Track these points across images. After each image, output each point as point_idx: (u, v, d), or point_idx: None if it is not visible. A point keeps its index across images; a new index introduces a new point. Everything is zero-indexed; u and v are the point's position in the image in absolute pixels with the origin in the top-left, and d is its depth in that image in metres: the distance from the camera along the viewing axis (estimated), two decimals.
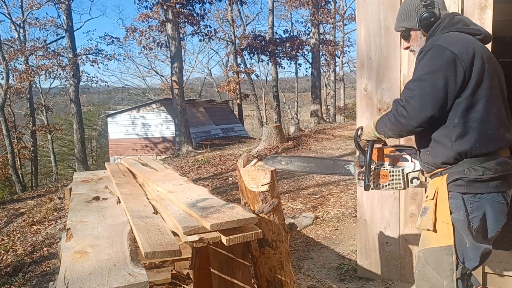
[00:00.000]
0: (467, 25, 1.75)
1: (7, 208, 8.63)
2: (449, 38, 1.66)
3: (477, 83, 1.61)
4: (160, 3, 13.93)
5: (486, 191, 1.65)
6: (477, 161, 1.64)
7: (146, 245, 1.54)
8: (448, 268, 1.68)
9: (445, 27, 1.74)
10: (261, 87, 31.96)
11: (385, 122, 1.75)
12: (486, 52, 1.68)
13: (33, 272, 4.73)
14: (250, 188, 1.99)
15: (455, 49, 1.60)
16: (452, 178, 1.67)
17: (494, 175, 1.63)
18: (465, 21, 1.77)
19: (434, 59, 1.61)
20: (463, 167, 1.65)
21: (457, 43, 1.63)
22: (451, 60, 1.59)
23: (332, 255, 3.81)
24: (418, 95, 1.61)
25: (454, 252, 1.67)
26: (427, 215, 1.73)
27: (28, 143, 19.71)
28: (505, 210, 1.71)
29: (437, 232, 1.71)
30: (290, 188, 6.65)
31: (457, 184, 1.66)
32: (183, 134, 14.10)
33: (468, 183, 1.64)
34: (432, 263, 1.72)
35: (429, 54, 1.63)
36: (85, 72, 20.86)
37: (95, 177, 3.20)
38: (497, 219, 1.69)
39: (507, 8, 3.36)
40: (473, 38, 1.70)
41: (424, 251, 1.77)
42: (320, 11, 20.10)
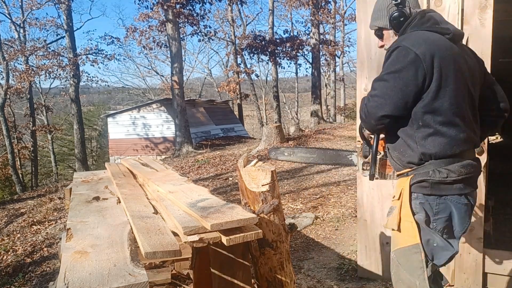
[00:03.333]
0: (437, 23, 1.71)
1: (7, 208, 8.64)
2: (415, 38, 1.63)
3: (439, 85, 1.59)
4: (160, 3, 13.93)
5: (451, 193, 1.64)
6: (442, 163, 1.63)
7: (146, 245, 1.54)
8: (418, 267, 1.68)
9: (415, 26, 1.71)
10: (261, 87, 31.97)
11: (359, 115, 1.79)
12: (454, 52, 1.65)
13: (33, 272, 4.73)
14: (251, 188, 1.99)
15: (418, 50, 1.58)
16: (417, 179, 1.67)
17: (458, 177, 1.62)
18: (435, 19, 1.72)
19: (397, 59, 1.61)
20: (428, 169, 1.65)
21: (422, 44, 1.60)
22: (412, 61, 1.57)
23: (332, 255, 3.81)
24: (378, 94, 1.64)
25: (422, 250, 1.68)
26: (392, 215, 1.75)
27: (28, 143, 19.70)
28: (470, 212, 1.71)
29: (402, 232, 1.72)
30: (291, 188, 6.65)
31: (422, 185, 1.66)
32: (183, 134, 14.10)
33: (433, 185, 1.64)
34: (403, 264, 1.73)
35: (394, 54, 1.63)
36: (85, 72, 20.92)
37: (95, 177, 3.20)
38: (462, 220, 1.68)
39: (507, 8, 3.35)
40: (442, 37, 1.66)
41: (395, 252, 1.77)
42: (320, 11, 20.09)
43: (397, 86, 1.59)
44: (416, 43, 1.60)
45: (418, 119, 1.63)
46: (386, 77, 1.62)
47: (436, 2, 2.60)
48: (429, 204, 1.66)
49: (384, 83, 1.63)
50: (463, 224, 1.69)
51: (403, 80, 1.58)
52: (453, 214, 1.67)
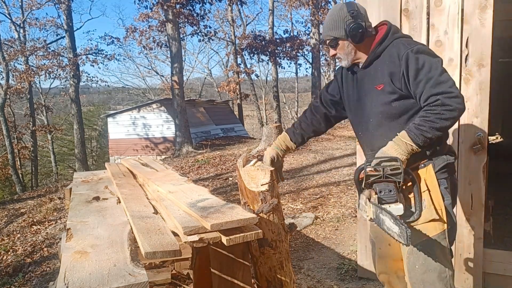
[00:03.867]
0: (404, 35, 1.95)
1: (7, 208, 8.63)
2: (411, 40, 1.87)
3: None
4: (160, 3, 13.93)
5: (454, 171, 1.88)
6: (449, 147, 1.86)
7: (146, 245, 1.54)
8: (447, 252, 1.79)
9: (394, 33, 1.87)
10: (261, 87, 31.97)
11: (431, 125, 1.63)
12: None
13: (33, 272, 4.73)
14: (250, 188, 1.99)
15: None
16: (440, 166, 1.80)
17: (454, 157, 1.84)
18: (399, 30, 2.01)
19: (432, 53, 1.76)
20: (443, 154, 1.81)
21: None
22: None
23: (332, 255, 3.81)
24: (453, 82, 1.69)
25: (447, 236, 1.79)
26: (428, 207, 1.77)
27: (28, 143, 19.71)
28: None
29: (436, 220, 1.77)
30: (291, 188, 6.65)
31: (444, 171, 1.80)
32: (183, 134, 14.10)
33: (448, 165, 1.81)
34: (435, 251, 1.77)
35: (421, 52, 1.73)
36: (85, 72, 20.91)
37: (95, 177, 3.20)
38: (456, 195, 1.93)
39: (507, 8, 3.35)
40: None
41: (422, 244, 1.77)
42: (320, 11, 20.09)
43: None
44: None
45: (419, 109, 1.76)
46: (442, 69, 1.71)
47: (436, 2, 2.60)
48: (449, 186, 1.82)
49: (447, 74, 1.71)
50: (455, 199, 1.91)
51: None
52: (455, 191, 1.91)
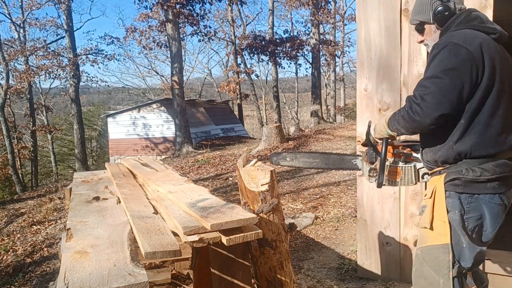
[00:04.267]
0: (483, 22, 1.71)
1: (7, 208, 8.63)
2: (465, 36, 1.63)
3: (488, 85, 1.59)
4: (160, 3, 13.93)
5: (483, 192, 1.64)
6: (475, 162, 1.63)
7: (146, 245, 1.54)
8: (445, 266, 1.69)
9: (460, 23, 1.70)
10: (261, 87, 31.96)
11: (398, 119, 1.72)
12: (499, 52, 1.65)
13: (33, 272, 4.73)
14: (250, 188, 1.99)
15: (471, 47, 1.58)
16: (450, 177, 1.68)
17: (491, 176, 1.62)
18: (481, 18, 1.72)
19: (449, 57, 1.59)
20: (462, 167, 1.65)
21: (472, 42, 1.60)
22: (466, 59, 1.57)
23: (332, 255, 3.81)
24: (433, 92, 1.58)
25: (450, 250, 1.68)
26: (425, 213, 1.74)
27: (28, 143, 19.70)
28: (503, 212, 1.70)
29: (434, 230, 1.72)
30: (291, 188, 6.65)
31: (455, 183, 1.67)
32: (183, 134, 14.10)
33: (466, 183, 1.65)
34: (429, 261, 1.73)
35: (445, 51, 1.60)
36: (85, 72, 20.89)
37: (95, 177, 3.20)
38: (494, 220, 1.68)
39: (507, 8, 3.36)
40: (488, 37, 1.66)
41: (421, 249, 1.77)
42: (320, 11, 20.11)
43: (455, 83, 1.57)
44: (467, 41, 1.60)
45: (460, 117, 1.62)
46: (442, 75, 1.58)
47: None
48: (460, 202, 1.67)
49: (439, 81, 1.58)
50: (494, 224, 1.69)
51: (460, 78, 1.56)
52: (484, 214, 1.67)
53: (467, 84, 1.57)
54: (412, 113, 1.64)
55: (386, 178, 1.91)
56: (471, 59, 1.57)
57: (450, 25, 1.72)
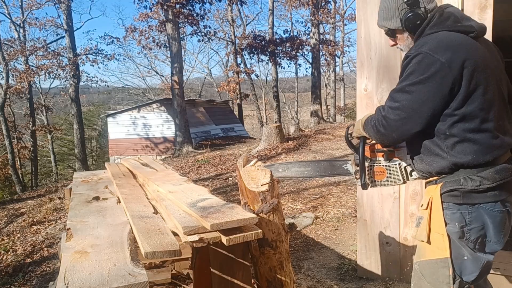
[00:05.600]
0: (458, 21, 1.56)
1: (7, 208, 8.63)
2: (438, 42, 1.50)
3: (468, 92, 1.48)
4: (160, 3, 13.94)
5: (484, 201, 1.54)
6: (474, 170, 1.53)
7: (146, 245, 1.54)
8: (445, 282, 1.59)
9: (434, 26, 1.57)
10: (261, 87, 31.97)
11: (369, 127, 1.67)
12: (480, 52, 1.52)
13: (33, 272, 4.73)
14: (250, 188, 1.99)
15: (443, 56, 1.46)
16: (447, 188, 1.57)
17: (491, 184, 1.52)
18: (455, 16, 1.57)
19: (420, 68, 1.49)
20: (459, 177, 1.55)
21: (447, 48, 1.47)
22: (437, 70, 1.46)
23: (332, 255, 3.81)
24: (400, 107, 1.52)
25: (450, 264, 1.58)
26: (421, 226, 1.65)
27: (28, 143, 19.70)
28: (507, 219, 1.59)
29: (431, 244, 1.62)
30: (291, 188, 6.65)
31: (453, 195, 1.56)
32: (183, 134, 14.10)
33: (465, 194, 1.54)
34: (427, 276, 1.64)
35: (414, 62, 1.51)
36: (85, 72, 20.94)
37: (95, 177, 3.20)
38: (498, 229, 1.57)
39: (507, 8, 3.36)
40: (466, 37, 1.53)
41: (419, 263, 1.69)
42: (320, 11, 20.11)
43: (422, 98, 1.49)
44: (440, 49, 1.48)
45: (445, 128, 1.53)
46: (409, 89, 1.50)
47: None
48: (461, 213, 1.56)
49: (407, 96, 1.51)
50: (499, 232, 1.57)
51: (429, 92, 1.47)
52: (486, 224, 1.56)
53: (439, 96, 1.48)
54: (379, 125, 1.60)
55: (372, 179, 1.83)
56: (443, 70, 1.45)
57: (424, 30, 1.60)
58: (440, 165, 1.58)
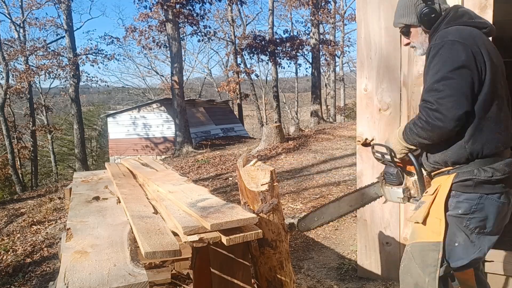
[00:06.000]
0: (472, 18, 1.68)
1: (7, 208, 8.63)
2: (459, 32, 1.59)
3: (492, 79, 1.56)
4: (160, 3, 13.93)
5: (492, 191, 1.61)
6: (486, 161, 1.60)
7: (146, 245, 1.54)
8: (432, 264, 1.65)
9: (450, 21, 1.66)
10: (261, 87, 31.97)
11: (417, 132, 1.65)
12: (491, 47, 1.62)
13: (33, 272, 4.73)
14: (250, 188, 1.99)
15: (468, 43, 1.55)
16: (461, 178, 1.63)
17: (502, 176, 1.60)
18: (469, 14, 1.69)
19: (452, 55, 1.54)
20: (473, 168, 1.61)
21: (469, 37, 1.57)
22: (470, 55, 1.54)
23: (332, 255, 3.81)
24: (449, 94, 1.53)
25: (441, 249, 1.64)
26: (420, 208, 1.70)
27: (28, 143, 19.70)
28: (509, 209, 1.68)
29: (427, 226, 1.68)
30: (291, 188, 6.65)
31: (466, 184, 1.62)
32: (183, 134, 14.10)
33: (477, 183, 1.61)
34: (417, 258, 1.70)
35: (445, 50, 1.56)
36: (85, 72, 20.93)
37: (95, 177, 3.20)
38: (500, 219, 1.66)
39: (507, 8, 3.36)
40: (479, 32, 1.63)
41: (412, 245, 1.75)
42: (320, 11, 20.10)
43: (467, 81, 1.53)
44: (462, 36, 1.57)
45: (470, 116, 1.57)
46: (451, 75, 1.54)
47: None
48: (468, 202, 1.62)
49: (452, 81, 1.53)
50: (500, 223, 1.66)
51: (469, 74, 1.53)
52: (489, 214, 1.63)
53: (476, 79, 1.55)
54: (432, 120, 1.57)
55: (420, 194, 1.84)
56: (473, 54, 1.54)
57: (439, 25, 1.68)
58: (457, 154, 1.63)
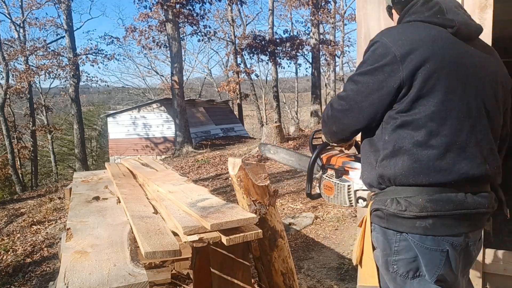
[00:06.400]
0: (442, 12, 1.31)
1: (7, 208, 8.64)
2: (402, 32, 1.30)
3: (419, 95, 1.23)
4: (160, 3, 13.94)
5: (412, 231, 1.26)
6: (404, 191, 1.26)
7: (146, 245, 1.54)
8: None
9: (414, 13, 1.36)
10: (261, 87, 31.98)
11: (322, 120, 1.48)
12: (456, 52, 1.27)
13: (33, 272, 4.73)
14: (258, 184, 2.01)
15: (400, 49, 1.24)
16: (374, 207, 1.35)
17: (421, 213, 1.23)
18: (441, 7, 1.32)
19: (372, 58, 1.30)
20: (387, 196, 1.30)
21: (409, 42, 1.25)
22: (388, 63, 1.25)
23: (332, 255, 3.81)
24: (345, 97, 1.36)
25: None
26: (354, 247, 1.47)
27: (28, 143, 19.71)
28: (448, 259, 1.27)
29: (363, 268, 1.43)
30: (291, 188, 6.65)
31: (377, 215, 1.34)
32: (183, 134, 14.11)
33: (389, 217, 1.29)
34: None
35: (371, 50, 1.32)
36: (85, 72, 20.95)
37: (95, 177, 3.20)
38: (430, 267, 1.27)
39: (507, 8, 3.36)
40: (442, 32, 1.29)
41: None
42: (320, 11, 20.10)
43: (367, 91, 1.30)
44: (400, 41, 1.26)
45: (385, 132, 1.30)
46: (357, 78, 1.33)
47: None
48: (386, 240, 1.32)
49: (354, 86, 1.34)
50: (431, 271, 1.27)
51: (374, 85, 1.28)
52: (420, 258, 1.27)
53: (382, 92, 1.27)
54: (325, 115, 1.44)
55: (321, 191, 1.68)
56: (393, 63, 1.24)
57: (405, 13, 1.39)
58: (369, 175, 1.37)
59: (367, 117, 1.32)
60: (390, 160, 1.28)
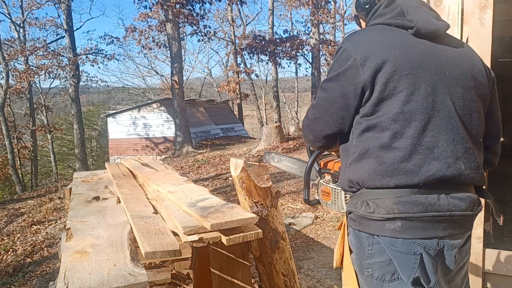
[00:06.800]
0: (401, 14, 1.31)
1: (7, 208, 8.64)
2: (362, 36, 1.32)
3: (380, 98, 1.23)
4: (160, 3, 13.95)
5: (382, 234, 1.25)
6: (373, 194, 1.27)
7: (146, 245, 1.54)
8: None
9: (377, 17, 1.37)
10: (261, 87, 31.99)
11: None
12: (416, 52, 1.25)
13: (33, 272, 4.73)
14: (260, 185, 2.01)
15: (360, 53, 1.25)
16: (347, 209, 1.37)
17: (388, 215, 1.22)
18: (401, 9, 1.32)
19: (336, 64, 1.32)
20: (358, 199, 1.31)
21: (368, 45, 1.27)
22: (349, 67, 1.26)
23: (332, 255, 3.80)
24: (316, 105, 1.38)
25: None
26: (335, 249, 1.48)
27: (28, 143, 19.71)
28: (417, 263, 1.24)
29: (344, 271, 1.43)
30: (291, 188, 6.65)
31: (351, 218, 1.35)
32: (183, 134, 14.11)
33: (360, 219, 1.30)
34: None
35: (336, 56, 1.34)
36: (85, 72, 20.94)
37: (95, 177, 3.20)
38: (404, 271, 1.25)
39: (507, 8, 3.36)
40: (401, 34, 1.29)
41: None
42: (320, 11, 20.11)
43: (334, 96, 1.31)
44: (361, 45, 1.28)
45: (355, 137, 1.32)
46: (325, 85, 1.34)
47: (436, 2, 2.60)
48: (360, 242, 1.32)
49: (322, 93, 1.35)
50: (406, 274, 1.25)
51: (339, 90, 1.29)
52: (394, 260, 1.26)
53: (347, 97, 1.28)
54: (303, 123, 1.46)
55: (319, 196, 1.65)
56: (354, 67, 1.26)
57: (370, 17, 1.40)
58: (340, 180, 1.40)
59: (336, 123, 1.34)
60: (357, 164, 1.30)
